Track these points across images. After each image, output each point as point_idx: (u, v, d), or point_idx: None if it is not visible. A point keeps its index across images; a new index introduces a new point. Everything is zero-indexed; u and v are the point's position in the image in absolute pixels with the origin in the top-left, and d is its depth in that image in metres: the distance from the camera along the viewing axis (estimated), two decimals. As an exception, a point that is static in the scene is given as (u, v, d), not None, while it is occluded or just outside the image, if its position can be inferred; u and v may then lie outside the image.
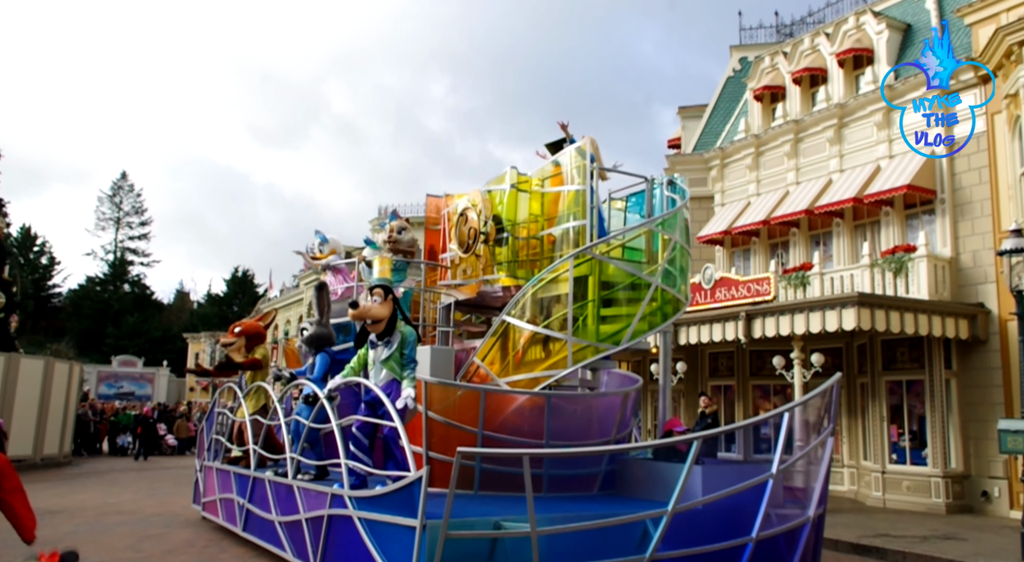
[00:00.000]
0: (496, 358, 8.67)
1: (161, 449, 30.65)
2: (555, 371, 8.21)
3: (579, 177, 8.86)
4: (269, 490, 9.07)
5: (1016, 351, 15.31)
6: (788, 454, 6.67)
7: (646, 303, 8.51)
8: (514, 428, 7.95)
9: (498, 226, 9.28)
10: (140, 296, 73.62)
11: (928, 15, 20.81)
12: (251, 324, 11.47)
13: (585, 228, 8.71)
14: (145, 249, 74.06)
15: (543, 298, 8.58)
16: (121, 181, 73.91)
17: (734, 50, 25.08)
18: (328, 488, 7.65)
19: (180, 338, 63.14)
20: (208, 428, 12.49)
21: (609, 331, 8.53)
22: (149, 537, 11.08)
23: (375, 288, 7.56)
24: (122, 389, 53.00)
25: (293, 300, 39.21)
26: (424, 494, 5.72)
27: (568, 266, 8.28)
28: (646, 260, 9.13)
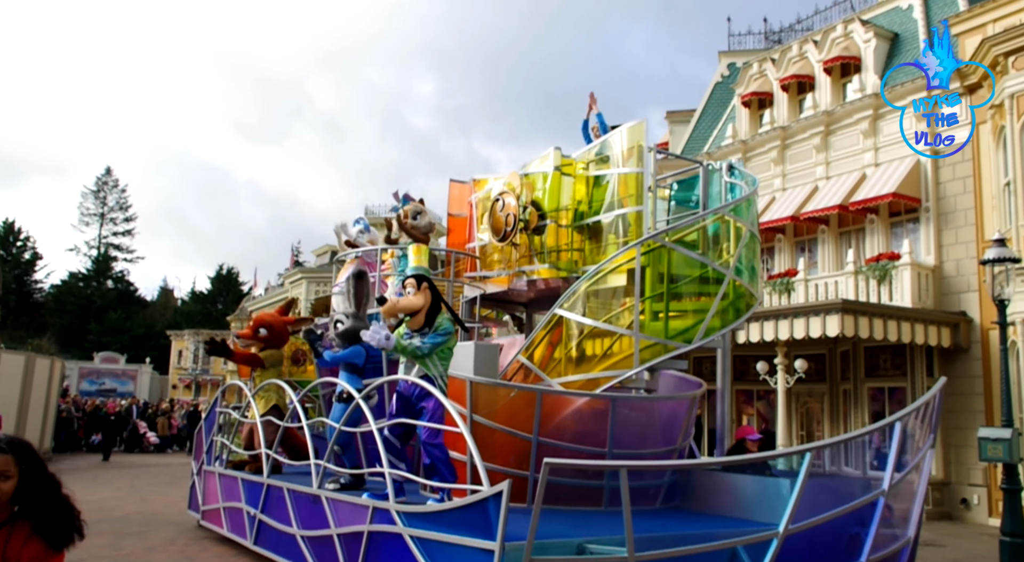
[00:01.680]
0: (544, 356, 7.75)
1: (142, 447, 29.74)
2: (618, 372, 7.21)
3: (632, 159, 7.96)
4: (289, 500, 7.98)
5: (997, 360, 15.40)
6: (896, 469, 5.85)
7: (720, 297, 7.52)
8: (570, 434, 7.03)
9: (539, 212, 8.36)
10: (123, 292, 71.65)
11: (916, 24, 20.69)
12: (274, 322, 10.08)
13: (640, 215, 7.84)
14: (129, 245, 72.93)
15: (597, 291, 7.68)
16: (106, 177, 72.43)
17: (723, 56, 24.91)
18: (370, 501, 6.57)
19: (163, 335, 62.05)
20: (208, 429, 11.14)
21: (679, 328, 7.61)
22: (129, 535, 10.81)
23: (408, 278, 6.66)
24: (104, 386, 51.50)
25: (278, 298, 38.82)
26: (505, 512, 4.85)
27: (634, 254, 7.27)
28: (700, 251, 8.20)
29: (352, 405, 7.26)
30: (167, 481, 18.92)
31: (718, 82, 25.01)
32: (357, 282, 8.01)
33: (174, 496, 15.79)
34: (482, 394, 6.98)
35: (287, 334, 10.16)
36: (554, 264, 8.30)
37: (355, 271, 8.07)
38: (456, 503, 5.59)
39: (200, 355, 52.67)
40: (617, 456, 6.87)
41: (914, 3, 20.96)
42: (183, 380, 54.40)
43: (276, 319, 10.12)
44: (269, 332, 9.90)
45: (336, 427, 7.44)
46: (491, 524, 4.99)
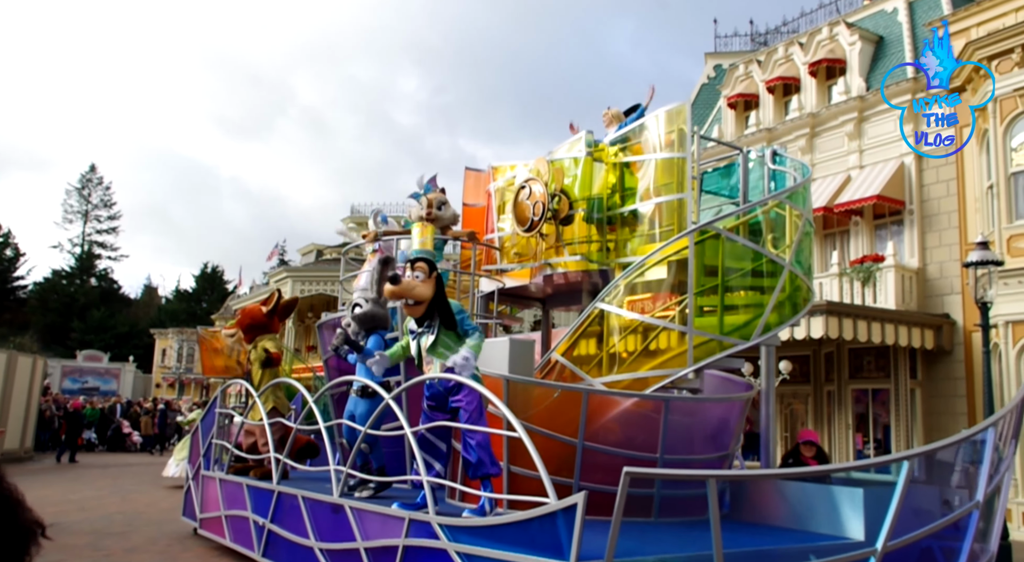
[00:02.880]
0: (583, 354, 7.16)
1: (125, 446, 29.27)
2: (669, 371, 6.58)
3: (671, 145, 7.37)
4: (305, 509, 7.17)
5: (980, 362, 15.56)
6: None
7: (779, 290, 6.92)
8: (613, 438, 6.36)
9: (570, 201, 7.72)
10: (107, 290, 70.14)
11: (900, 28, 20.68)
12: (247, 312, 9.43)
13: (680, 204, 7.23)
14: (113, 243, 71.44)
15: (635, 285, 7.06)
16: (90, 174, 70.80)
17: (709, 57, 24.82)
18: (404, 512, 5.82)
19: (147, 334, 61.09)
20: (206, 431, 10.23)
21: (735, 323, 6.98)
22: (110, 535, 10.55)
23: (417, 261, 5.94)
24: (87, 384, 50.28)
25: (263, 297, 38.72)
26: (580, 528, 4.29)
27: (684, 244, 6.67)
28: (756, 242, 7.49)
29: (383, 403, 6.51)
30: (150, 481, 18.53)
31: (704, 83, 25.03)
32: (383, 268, 7.54)
33: (157, 496, 15.44)
34: (519, 394, 6.34)
35: (263, 318, 9.28)
36: (586, 256, 7.67)
37: (382, 257, 7.67)
38: (516, 516, 4.91)
39: (184, 354, 52.39)
40: (668, 462, 6.31)
41: (899, 7, 20.91)
42: (167, 379, 53.91)
43: (248, 306, 9.78)
44: (241, 318, 9.40)
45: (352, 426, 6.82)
46: (561, 541, 4.44)
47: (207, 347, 25.67)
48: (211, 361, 25.74)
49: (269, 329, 9.02)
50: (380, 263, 7.49)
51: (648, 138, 7.61)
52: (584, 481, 6.05)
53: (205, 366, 25.32)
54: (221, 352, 24.70)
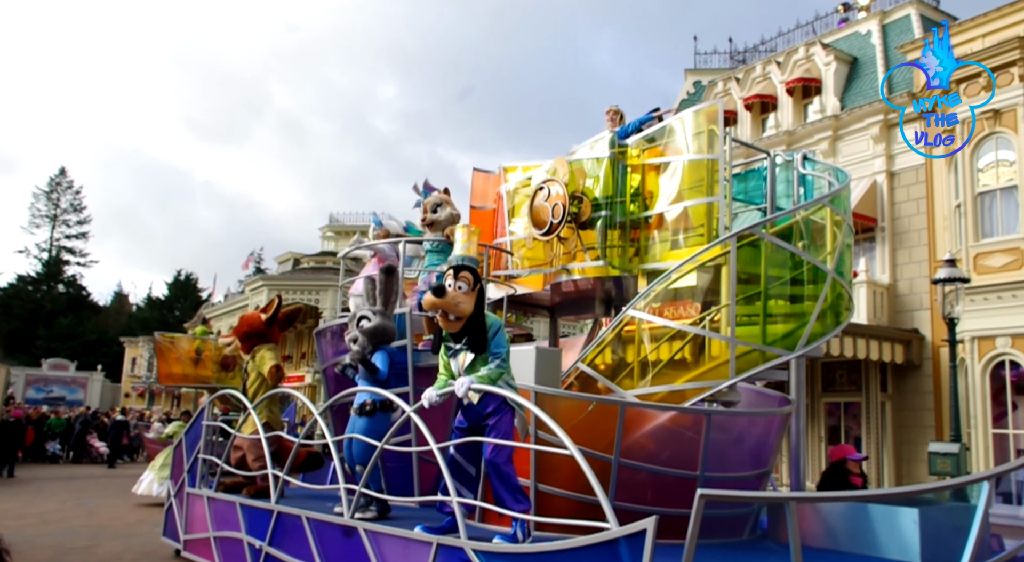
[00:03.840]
0: (610, 364, 6.70)
1: (91, 457, 28.58)
2: (710, 383, 6.10)
3: (702, 146, 6.95)
4: (310, 532, 6.49)
5: (947, 376, 16.03)
6: None
7: (823, 298, 6.47)
8: (647, 454, 5.87)
9: (593, 203, 7.26)
10: (75, 297, 68.04)
11: (874, 50, 21.10)
12: (246, 318, 8.69)
13: (712, 207, 6.76)
14: (83, 249, 69.63)
15: (668, 291, 6.61)
16: (59, 177, 68.97)
17: (689, 73, 25.13)
18: (430, 536, 5.24)
19: (117, 342, 59.51)
20: (191, 444, 9.43)
21: (778, 333, 6.52)
22: (74, 550, 10.15)
23: (462, 270, 5.35)
24: (52, 394, 48.84)
25: (237, 306, 38.27)
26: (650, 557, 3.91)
27: (729, 248, 6.21)
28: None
29: (402, 419, 5.96)
30: (116, 493, 17.96)
31: (684, 99, 25.33)
32: (387, 278, 7.08)
33: (123, 509, 14.84)
34: (546, 407, 5.69)
35: (261, 326, 8.56)
36: (609, 261, 7.18)
37: (385, 266, 7.19)
38: (572, 542, 4.42)
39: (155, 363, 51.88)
40: (709, 480, 5.82)
41: (872, 29, 21.30)
42: (136, 388, 53.04)
43: (248, 314, 8.94)
44: (236, 326, 8.74)
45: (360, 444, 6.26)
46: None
47: (165, 354, 24.76)
48: (169, 368, 24.58)
49: (268, 338, 8.44)
50: (384, 273, 7.06)
51: (675, 140, 7.20)
52: (617, 500, 5.50)
53: (162, 374, 24.34)
54: (180, 359, 24.28)
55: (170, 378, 24.66)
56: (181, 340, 24.47)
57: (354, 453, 6.43)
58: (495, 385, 5.24)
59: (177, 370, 23.98)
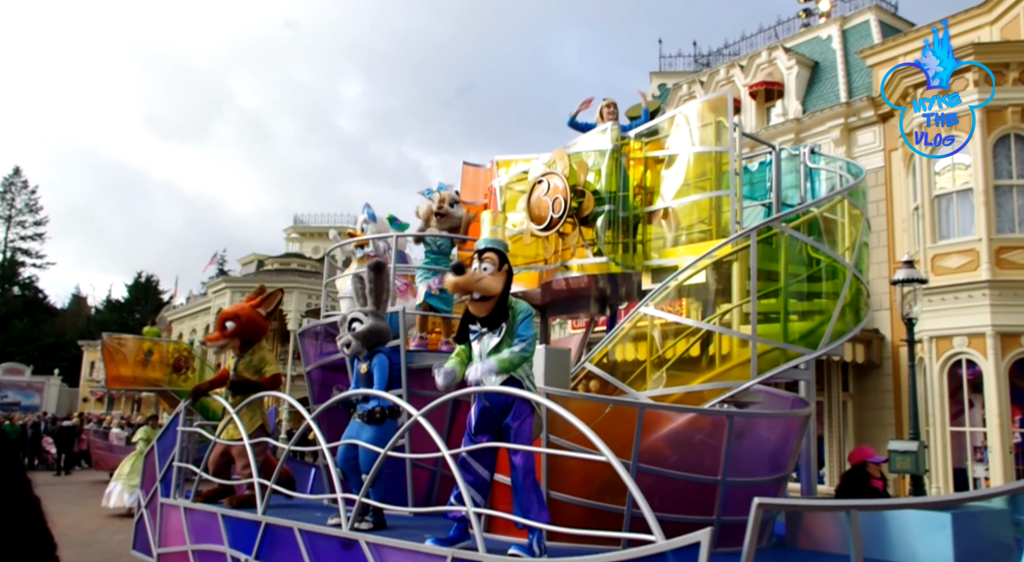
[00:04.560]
0: (619, 364, 6.29)
1: (47, 463, 27.57)
2: (729, 383, 5.69)
3: (708, 138, 6.55)
4: (303, 544, 5.93)
5: (907, 375, 16.13)
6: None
7: (844, 295, 6.08)
8: (663, 459, 5.50)
9: (596, 197, 6.78)
10: (31, 300, 65.66)
11: (834, 54, 21.27)
12: (247, 314, 7.72)
13: (722, 201, 6.34)
14: (39, 250, 67.06)
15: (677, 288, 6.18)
16: (14, 177, 66.31)
17: (654, 76, 25.02)
18: (443, 550, 4.79)
19: (75, 345, 57.45)
20: (164, 451, 8.69)
21: (799, 331, 6.13)
22: None
23: (487, 251, 5.02)
24: (6, 399, 47.09)
25: (200, 308, 37.36)
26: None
27: (744, 243, 5.82)
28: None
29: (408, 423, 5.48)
30: (72, 500, 17.28)
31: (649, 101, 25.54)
32: (376, 276, 6.52)
33: (80, 516, 14.31)
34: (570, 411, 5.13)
35: (263, 322, 7.79)
36: (612, 258, 6.72)
37: (373, 263, 6.65)
38: (612, 557, 4.06)
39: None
40: (731, 486, 5.47)
41: (833, 34, 21.41)
42: (95, 393, 51.33)
43: (243, 307, 8.05)
44: (236, 323, 7.64)
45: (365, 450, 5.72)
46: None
47: (113, 356, 22.88)
48: (117, 371, 22.82)
49: (264, 335, 7.78)
50: (372, 269, 6.52)
51: (680, 132, 6.84)
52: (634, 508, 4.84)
53: (110, 376, 23.11)
54: (129, 361, 23.23)
55: (119, 381, 23.37)
56: (130, 341, 23.49)
57: (361, 462, 5.93)
58: (516, 375, 4.89)
59: (126, 372, 22.87)
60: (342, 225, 36.15)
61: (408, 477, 6.72)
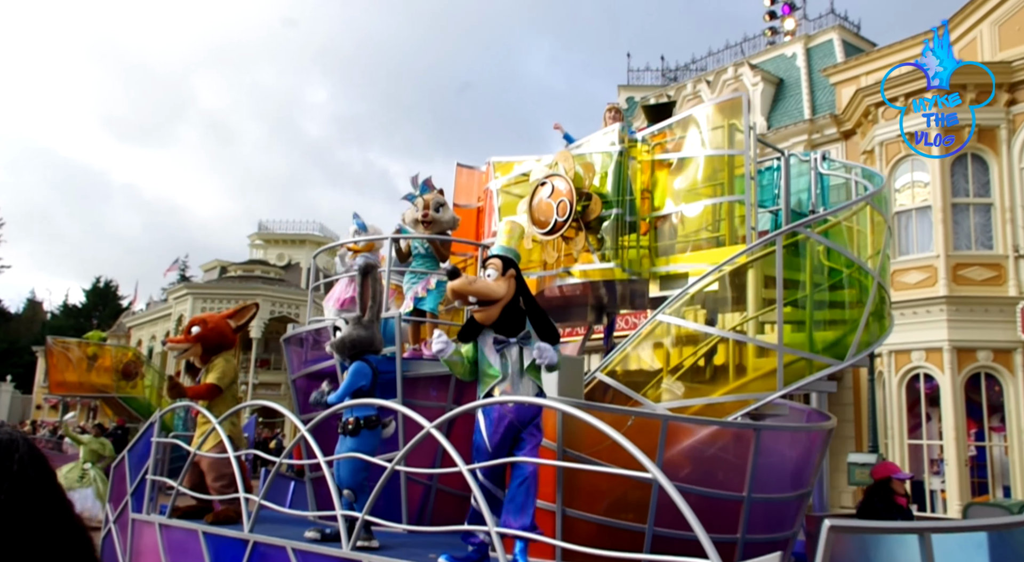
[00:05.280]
0: (632, 374, 5.92)
1: None
2: (754, 395, 5.29)
3: (720, 141, 6.21)
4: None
5: (866, 389, 16.13)
6: None
7: (870, 303, 5.73)
8: (682, 474, 5.13)
9: (604, 200, 6.36)
10: None
11: (799, 72, 21.40)
12: (215, 322, 7.27)
13: (733, 206, 6.03)
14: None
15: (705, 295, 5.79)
16: None
17: (622, 89, 24.90)
18: None
19: (29, 351, 56.20)
20: (136, 463, 8.02)
21: (825, 340, 5.75)
22: None
23: (490, 258, 4.75)
24: None
25: (160, 314, 36.23)
26: None
27: (774, 248, 5.43)
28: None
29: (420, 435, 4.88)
30: None
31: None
32: (363, 280, 5.92)
33: None
34: (574, 422, 4.93)
35: (230, 333, 7.29)
36: (619, 263, 6.34)
37: (361, 266, 6.07)
38: None
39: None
40: (757, 502, 5.12)
41: (798, 52, 21.54)
42: (49, 400, 49.77)
43: (212, 315, 7.59)
44: (202, 328, 7.12)
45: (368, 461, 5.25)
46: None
47: (57, 360, 21.75)
48: (61, 376, 21.70)
49: (230, 347, 7.29)
50: (361, 273, 5.95)
51: (690, 135, 6.53)
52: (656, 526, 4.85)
53: (53, 382, 21.92)
54: (72, 365, 22.14)
55: (63, 386, 22.18)
56: (74, 346, 22.45)
57: (339, 476, 5.46)
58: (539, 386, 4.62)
59: (71, 378, 21.64)
60: (307, 232, 35.44)
61: (403, 492, 6.25)
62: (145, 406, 21.94)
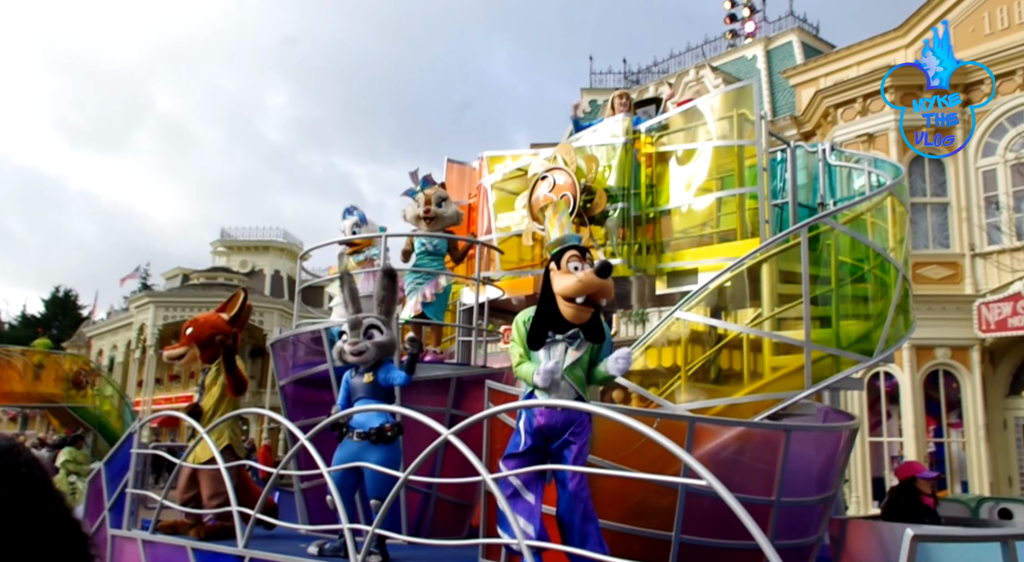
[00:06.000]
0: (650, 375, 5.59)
1: None
2: (781, 394, 4.94)
3: (727, 132, 5.86)
4: None
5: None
6: None
7: (897, 297, 5.46)
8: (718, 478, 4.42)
9: (609, 194, 5.96)
10: None
11: (759, 74, 21.33)
12: (205, 317, 6.66)
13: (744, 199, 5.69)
14: None
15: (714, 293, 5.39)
16: None
17: (585, 92, 24.73)
18: None
19: None
20: (115, 476, 7.40)
21: (851, 335, 5.40)
22: None
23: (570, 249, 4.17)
24: None
25: (121, 324, 35.00)
26: None
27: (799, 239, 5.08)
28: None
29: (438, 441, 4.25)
30: None
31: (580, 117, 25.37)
32: (389, 283, 5.47)
33: None
34: (602, 426, 4.59)
35: (223, 322, 6.59)
36: (625, 260, 5.92)
37: (386, 269, 5.58)
38: None
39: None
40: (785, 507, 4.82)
41: (758, 54, 21.61)
42: (7, 413, 48.06)
43: (203, 314, 6.96)
44: (194, 327, 6.53)
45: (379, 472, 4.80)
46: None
47: (2, 370, 20.48)
48: (9, 386, 20.50)
49: (234, 344, 6.58)
50: (385, 276, 5.48)
51: (697, 126, 6.18)
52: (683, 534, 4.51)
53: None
54: (19, 375, 21.18)
55: (9, 397, 21.32)
56: (18, 354, 21.51)
57: (368, 488, 5.03)
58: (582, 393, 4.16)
59: (17, 388, 20.64)
60: (271, 238, 34.63)
61: (402, 502, 5.88)
62: (94, 416, 21.14)
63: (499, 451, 4.58)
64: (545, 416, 4.06)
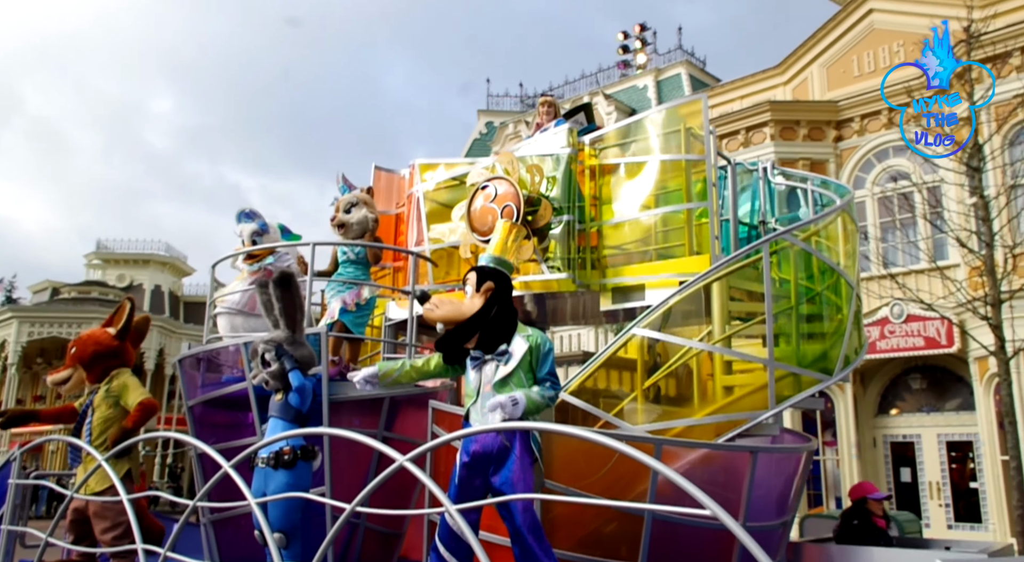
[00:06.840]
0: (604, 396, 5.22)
1: None
2: (744, 415, 4.69)
3: (672, 147, 5.63)
4: None
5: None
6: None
7: (852, 316, 5.32)
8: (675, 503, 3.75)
9: (553, 207, 5.64)
10: None
11: (650, 103, 21.61)
12: (88, 334, 5.97)
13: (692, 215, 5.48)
14: None
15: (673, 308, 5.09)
16: None
17: (482, 114, 24.82)
18: None
19: None
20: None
21: (812, 354, 5.24)
22: None
23: (468, 273, 4.08)
24: None
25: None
26: None
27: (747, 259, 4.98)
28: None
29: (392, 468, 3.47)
30: None
31: (476, 138, 24.98)
32: (283, 293, 4.80)
33: None
34: (558, 449, 4.32)
35: (109, 338, 5.86)
36: (571, 274, 5.57)
37: (277, 276, 4.86)
38: None
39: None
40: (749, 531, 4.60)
41: (648, 84, 22.06)
42: None
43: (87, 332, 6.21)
44: (78, 346, 5.84)
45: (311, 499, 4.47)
46: None
47: None
48: None
49: (123, 359, 5.86)
50: (277, 285, 4.82)
51: (641, 140, 5.95)
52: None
53: None
54: None
55: None
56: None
57: (271, 517, 4.41)
58: (531, 417, 3.72)
59: None
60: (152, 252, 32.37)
61: (328, 531, 5.27)
62: None
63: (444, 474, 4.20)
64: (479, 441, 3.77)
